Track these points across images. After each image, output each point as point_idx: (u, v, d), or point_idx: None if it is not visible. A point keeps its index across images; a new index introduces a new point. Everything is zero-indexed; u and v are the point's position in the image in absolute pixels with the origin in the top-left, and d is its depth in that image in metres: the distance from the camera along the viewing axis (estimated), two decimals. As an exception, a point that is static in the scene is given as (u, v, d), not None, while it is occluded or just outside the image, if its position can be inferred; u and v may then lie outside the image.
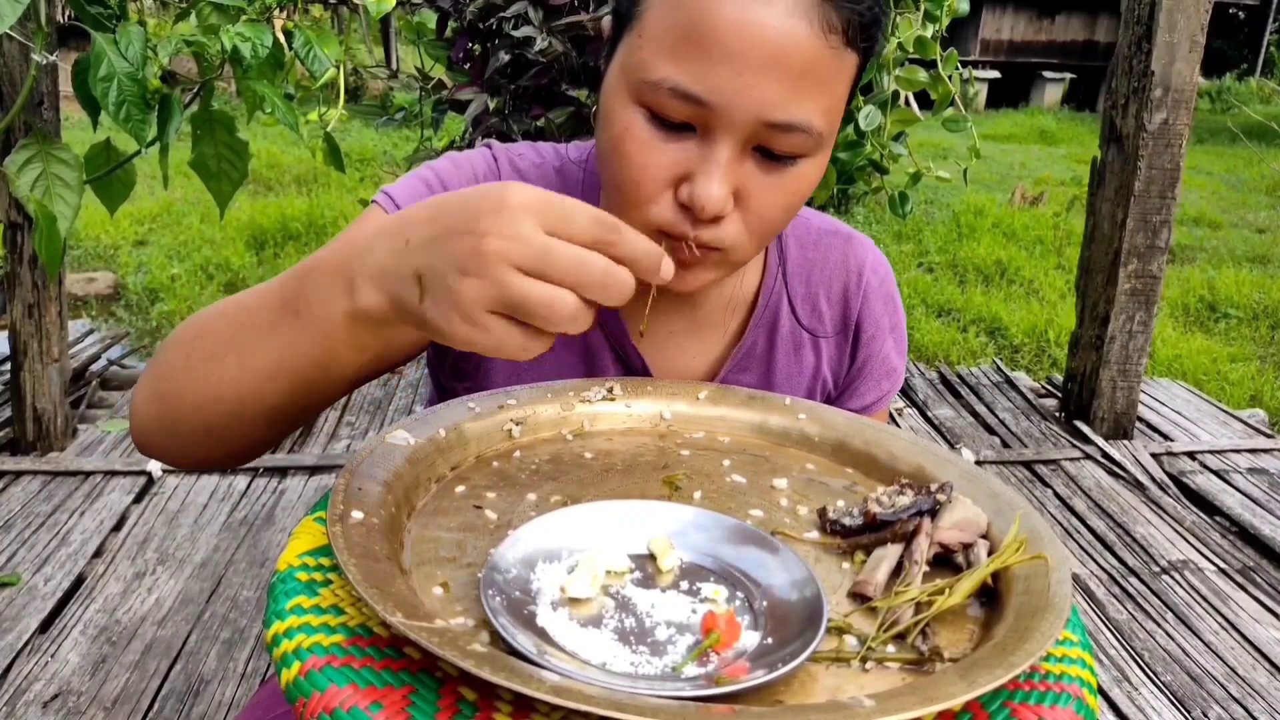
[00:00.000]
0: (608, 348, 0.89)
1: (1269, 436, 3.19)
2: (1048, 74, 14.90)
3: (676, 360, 0.90)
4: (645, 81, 0.66)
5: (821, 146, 0.69)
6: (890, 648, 0.55)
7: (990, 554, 0.63)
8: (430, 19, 2.51)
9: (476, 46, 2.32)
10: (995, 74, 14.43)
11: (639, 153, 0.68)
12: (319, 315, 0.60)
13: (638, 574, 0.60)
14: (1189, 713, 1.86)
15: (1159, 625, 2.13)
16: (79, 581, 2.12)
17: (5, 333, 2.69)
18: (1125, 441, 3.06)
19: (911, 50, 2.14)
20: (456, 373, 0.91)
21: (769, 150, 0.68)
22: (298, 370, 0.63)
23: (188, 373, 0.67)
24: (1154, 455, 2.97)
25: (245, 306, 0.66)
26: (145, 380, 0.71)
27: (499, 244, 0.51)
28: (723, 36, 0.63)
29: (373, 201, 0.82)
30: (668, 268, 0.56)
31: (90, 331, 3.79)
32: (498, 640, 0.51)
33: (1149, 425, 3.24)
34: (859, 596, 0.60)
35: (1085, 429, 3.10)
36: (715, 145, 0.67)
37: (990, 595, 0.61)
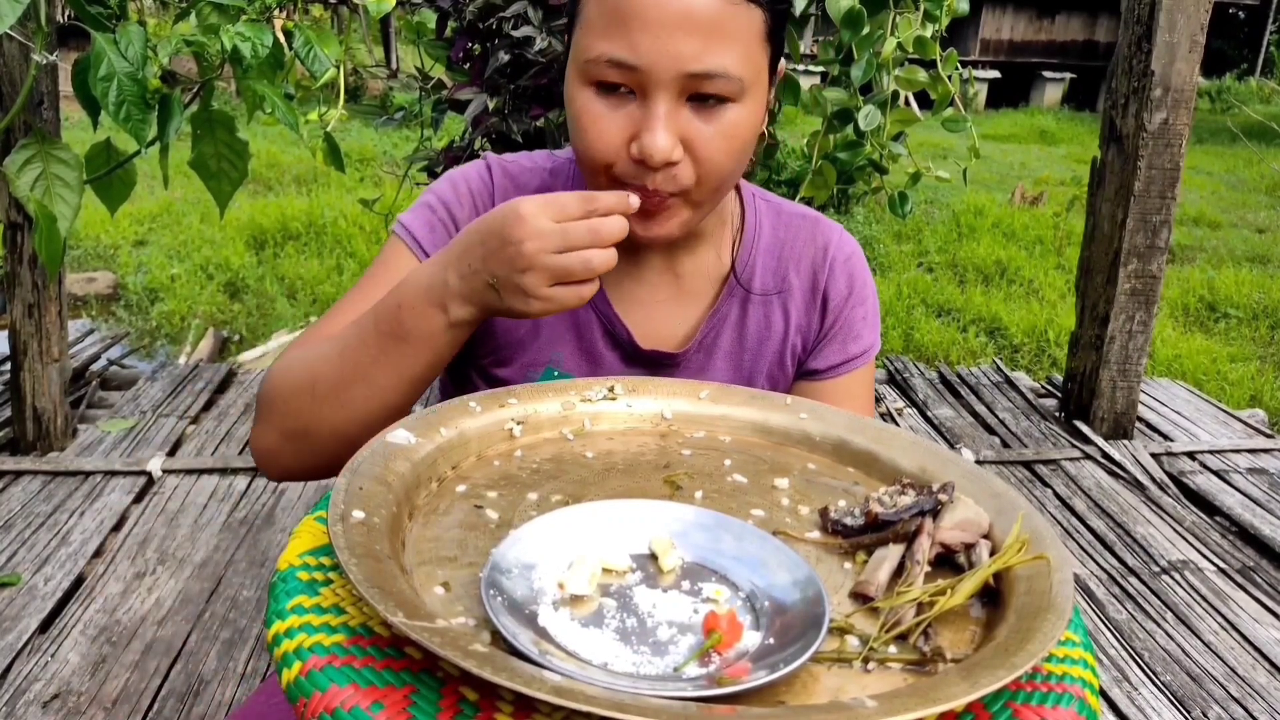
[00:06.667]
0: (595, 318, 0.97)
1: (1269, 436, 3.19)
2: (1048, 74, 14.89)
3: (659, 327, 0.99)
4: (588, 60, 0.80)
5: (746, 92, 0.82)
6: (892, 648, 0.55)
7: (992, 554, 0.63)
8: (430, 19, 2.51)
9: (476, 46, 2.32)
10: (995, 74, 14.43)
11: (594, 123, 0.82)
12: (424, 334, 0.80)
13: (639, 574, 0.60)
14: (1189, 713, 1.86)
15: (1159, 625, 2.13)
16: (79, 581, 2.11)
17: (5, 333, 2.69)
18: (1125, 441, 3.05)
19: (911, 50, 2.14)
20: (488, 354, 1.00)
21: (701, 97, 0.80)
22: (415, 376, 0.82)
23: (318, 409, 0.83)
24: (1154, 455, 2.97)
25: (348, 346, 0.83)
26: (268, 427, 0.86)
27: (532, 243, 0.73)
28: (641, 9, 0.77)
29: (393, 233, 0.96)
30: (634, 200, 0.77)
31: (90, 331, 3.79)
32: (499, 640, 0.51)
33: (1149, 425, 3.24)
34: (861, 597, 0.60)
35: (1085, 429, 3.10)
36: (652, 102, 0.79)
37: (992, 596, 0.61)
